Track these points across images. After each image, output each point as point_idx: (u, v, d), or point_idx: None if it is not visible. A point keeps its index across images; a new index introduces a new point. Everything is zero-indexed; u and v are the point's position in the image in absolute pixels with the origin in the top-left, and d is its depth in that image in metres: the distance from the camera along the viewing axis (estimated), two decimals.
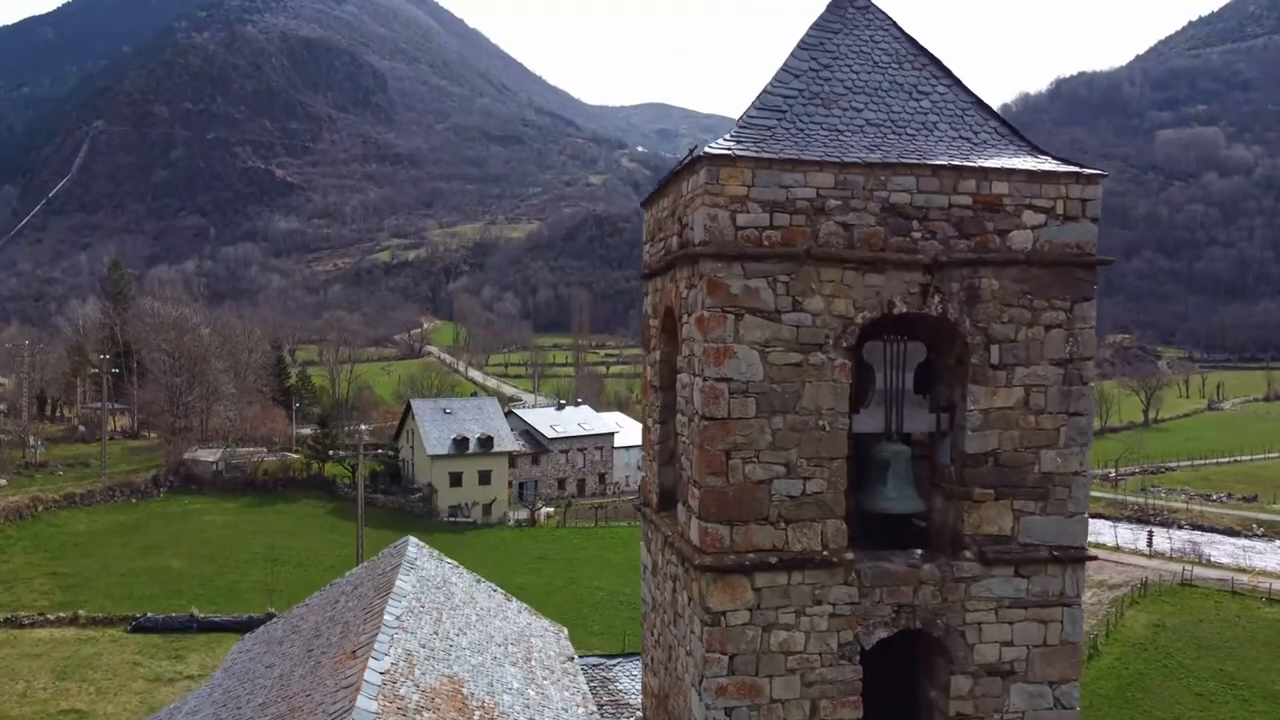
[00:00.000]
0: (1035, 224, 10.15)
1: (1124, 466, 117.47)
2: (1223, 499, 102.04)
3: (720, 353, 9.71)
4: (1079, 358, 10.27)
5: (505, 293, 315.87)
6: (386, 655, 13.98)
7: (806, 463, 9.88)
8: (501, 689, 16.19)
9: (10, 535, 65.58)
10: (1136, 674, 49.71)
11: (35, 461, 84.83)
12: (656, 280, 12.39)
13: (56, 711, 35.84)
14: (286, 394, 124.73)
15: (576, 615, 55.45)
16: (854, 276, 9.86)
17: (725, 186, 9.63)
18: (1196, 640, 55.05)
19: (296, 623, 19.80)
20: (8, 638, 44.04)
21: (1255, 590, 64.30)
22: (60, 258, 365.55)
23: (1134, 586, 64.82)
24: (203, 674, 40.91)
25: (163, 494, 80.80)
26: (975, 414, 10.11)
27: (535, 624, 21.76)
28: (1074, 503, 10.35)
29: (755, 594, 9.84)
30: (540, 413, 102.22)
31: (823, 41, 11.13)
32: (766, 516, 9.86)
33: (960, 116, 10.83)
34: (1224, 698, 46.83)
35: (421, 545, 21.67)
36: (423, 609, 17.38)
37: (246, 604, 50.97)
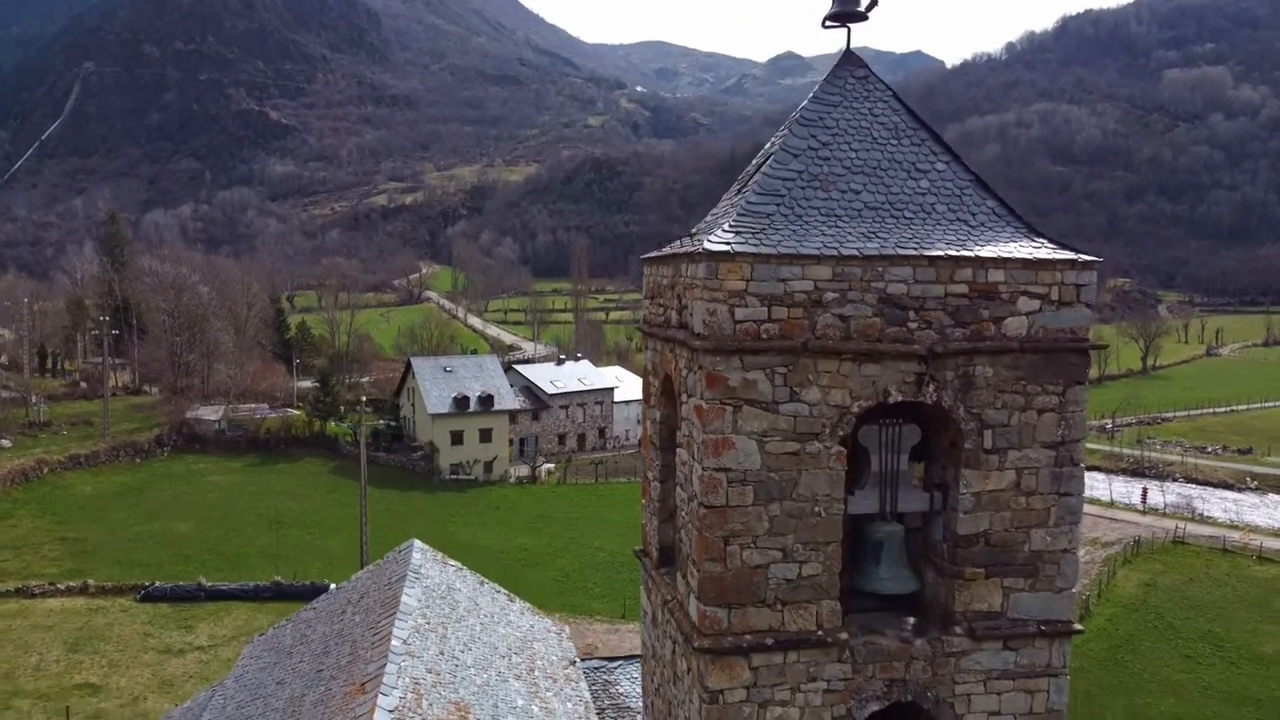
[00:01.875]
0: (1030, 310, 10.28)
1: (1121, 417, 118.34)
2: (1218, 451, 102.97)
3: (719, 444, 9.92)
4: (1070, 440, 10.47)
5: (504, 237, 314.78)
6: (395, 689, 14.43)
7: (803, 547, 10.14)
8: (506, 709, 16.71)
9: (17, 498, 66.41)
10: (1127, 635, 50.73)
11: (39, 421, 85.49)
12: (655, 342, 12.51)
13: (70, 686, 36.72)
14: (286, 347, 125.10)
15: (578, 578, 56.52)
16: (851, 367, 10.02)
17: (724, 281, 9.74)
18: (1186, 600, 56.10)
19: (305, 631, 20.28)
20: (20, 608, 44.91)
21: (1246, 548, 65.29)
22: (55, 202, 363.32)
23: (1126, 545, 65.79)
24: (212, 644, 41.93)
25: (166, 453, 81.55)
26: (968, 497, 10.36)
27: (538, 626, 22.28)
28: (1062, 579, 10.64)
29: (752, 673, 10.18)
30: (540, 368, 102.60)
31: (822, 116, 11.13)
32: (763, 599, 10.16)
33: (958, 196, 10.88)
34: (1212, 660, 47.89)
35: (425, 550, 22.08)
36: (429, 626, 17.83)
37: (253, 571, 51.84)
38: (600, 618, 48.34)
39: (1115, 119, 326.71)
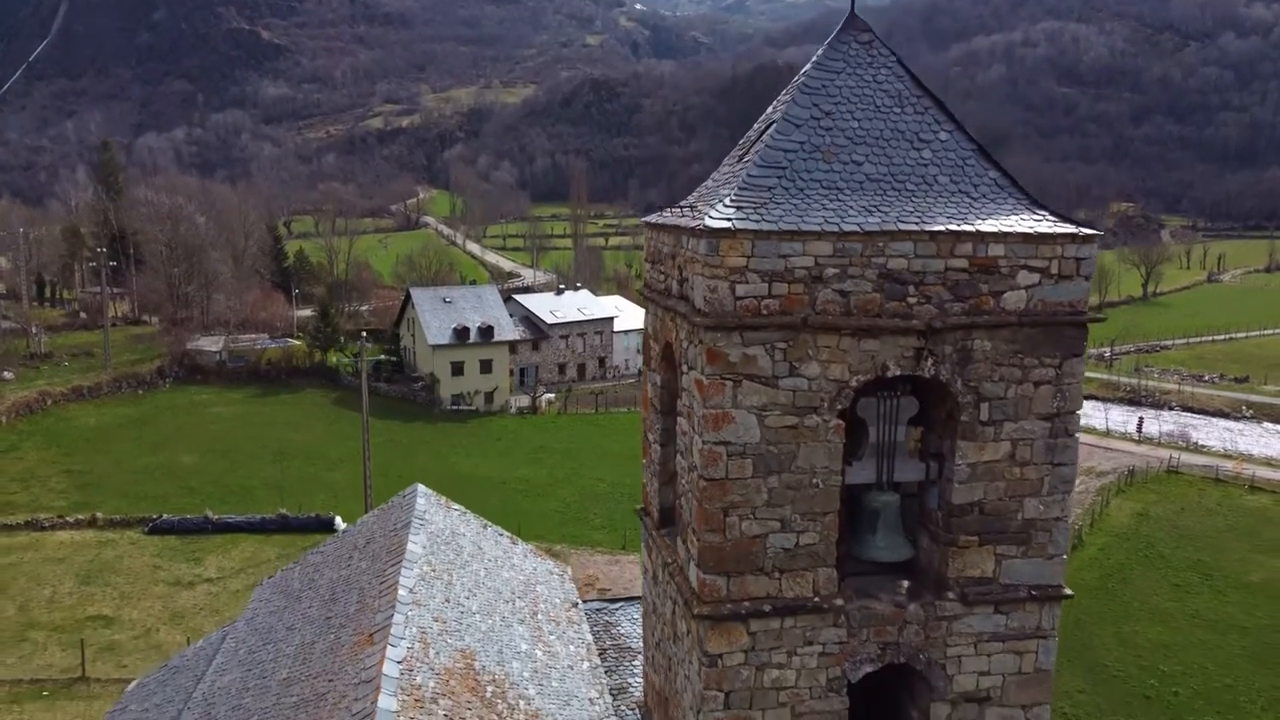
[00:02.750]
0: (1030, 284, 10.32)
1: (1120, 345, 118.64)
2: (1214, 380, 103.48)
3: (719, 418, 10.05)
4: (1066, 411, 10.61)
5: (502, 161, 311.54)
6: (402, 639, 14.81)
7: (800, 518, 10.36)
8: (511, 654, 17.18)
9: (22, 430, 66.98)
10: (1118, 565, 51.70)
11: (40, 353, 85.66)
12: (656, 308, 12.55)
13: (84, 618, 37.58)
14: (285, 276, 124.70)
15: (579, 509, 57.31)
16: (850, 342, 10.10)
17: (725, 258, 9.76)
18: (1178, 530, 57.03)
19: (313, 575, 20.71)
20: (30, 541, 45.68)
21: (1238, 478, 66.16)
22: (46, 125, 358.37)
23: (1121, 474, 66.61)
24: (220, 576, 42.79)
25: (168, 385, 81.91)
26: (963, 468, 10.54)
27: (540, 568, 22.74)
28: (1054, 546, 10.90)
29: (750, 637, 10.49)
30: (540, 298, 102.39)
31: (825, 84, 11.00)
32: (761, 567, 10.42)
33: (960, 167, 10.81)
34: (1200, 588, 48.90)
35: (429, 494, 22.38)
36: (434, 573, 18.21)
37: (258, 503, 52.53)
38: (601, 549, 49.17)
39: (1124, 38, 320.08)
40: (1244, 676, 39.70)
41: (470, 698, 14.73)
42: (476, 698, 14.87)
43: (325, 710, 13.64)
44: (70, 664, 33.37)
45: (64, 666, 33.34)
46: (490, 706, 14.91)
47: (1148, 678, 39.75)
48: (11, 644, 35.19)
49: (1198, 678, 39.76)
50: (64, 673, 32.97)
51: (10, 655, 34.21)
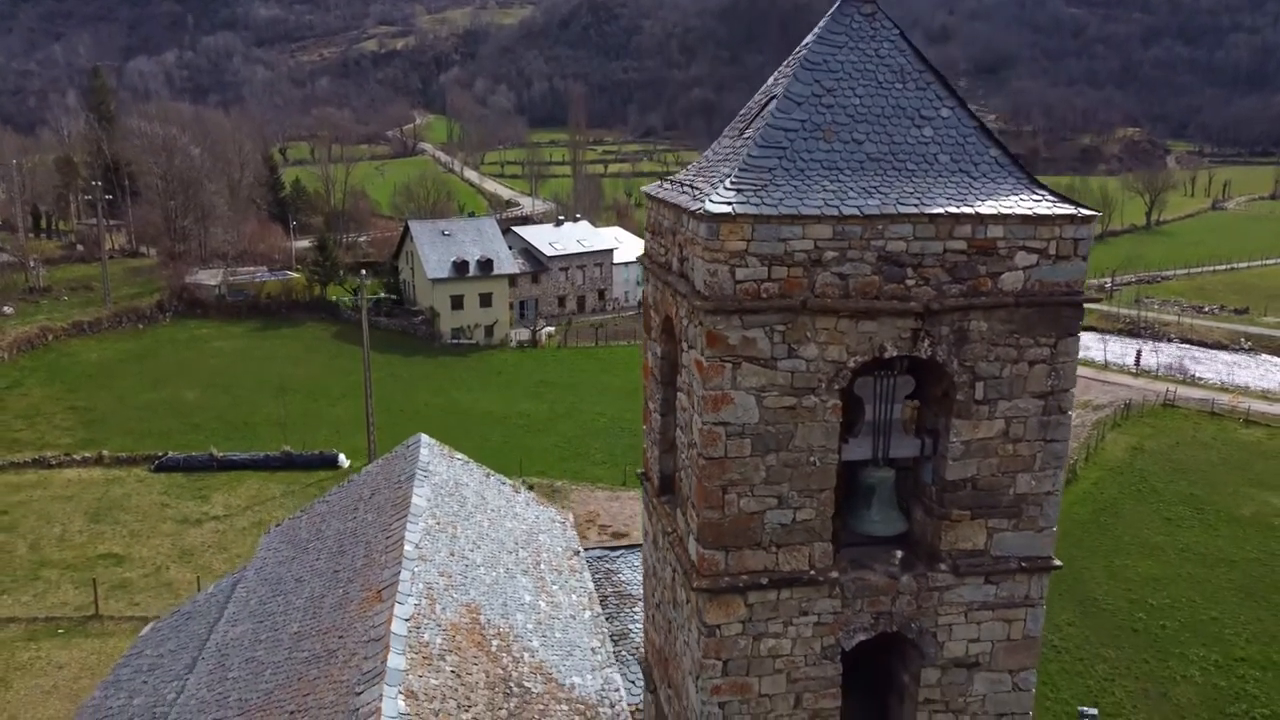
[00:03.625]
0: (1027, 264, 10.37)
1: (1121, 276, 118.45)
2: (1214, 311, 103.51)
3: (718, 400, 10.21)
4: (1060, 389, 10.76)
5: (498, 85, 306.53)
6: (409, 597, 15.23)
7: (797, 494, 10.59)
8: (515, 606, 17.65)
9: (25, 366, 67.30)
10: (1111, 499, 52.45)
11: (39, 287, 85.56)
12: (656, 280, 12.59)
13: (95, 556, 38.31)
14: (282, 206, 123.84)
15: (580, 444, 57.94)
16: (848, 324, 10.20)
17: (725, 242, 9.80)
18: (1171, 464, 57.72)
19: (320, 526, 21.11)
20: (39, 479, 46.28)
21: (1234, 411, 66.71)
22: (34, 49, 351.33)
23: (1117, 408, 67.15)
24: (227, 514, 43.49)
25: (168, 319, 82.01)
26: (957, 445, 10.73)
27: (543, 516, 23.16)
28: (1044, 519, 11.15)
29: (748, 609, 10.81)
30: (539, 230, 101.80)
31: (826, 59, 10.88)
32: (759, 542, 10.68)
33: (961, 145, 10.77)
34: (1191, 522, 49.68)
35: (432, 444, 22.67)
36: (439, 526, 18.60)
37: (261, 440, 53.09)
38: (602, 485, 49.83)
39: None
40: (1230, 609, 40.62)
41: (476, 652, 15.20)
42: (482, 652, 15.35)
43: (336, 667, 14.09)
44: (83, 602, 34.15)
45: (77, 604, 34.12)
46: (495, 660, 15.40)
47: (1136, 611, 40.66)
48: (25, 582, 35.95)
49: (1185, 611, 40.68)
50: (77, 610, 33.76)
51: (25, 593, 34.98)
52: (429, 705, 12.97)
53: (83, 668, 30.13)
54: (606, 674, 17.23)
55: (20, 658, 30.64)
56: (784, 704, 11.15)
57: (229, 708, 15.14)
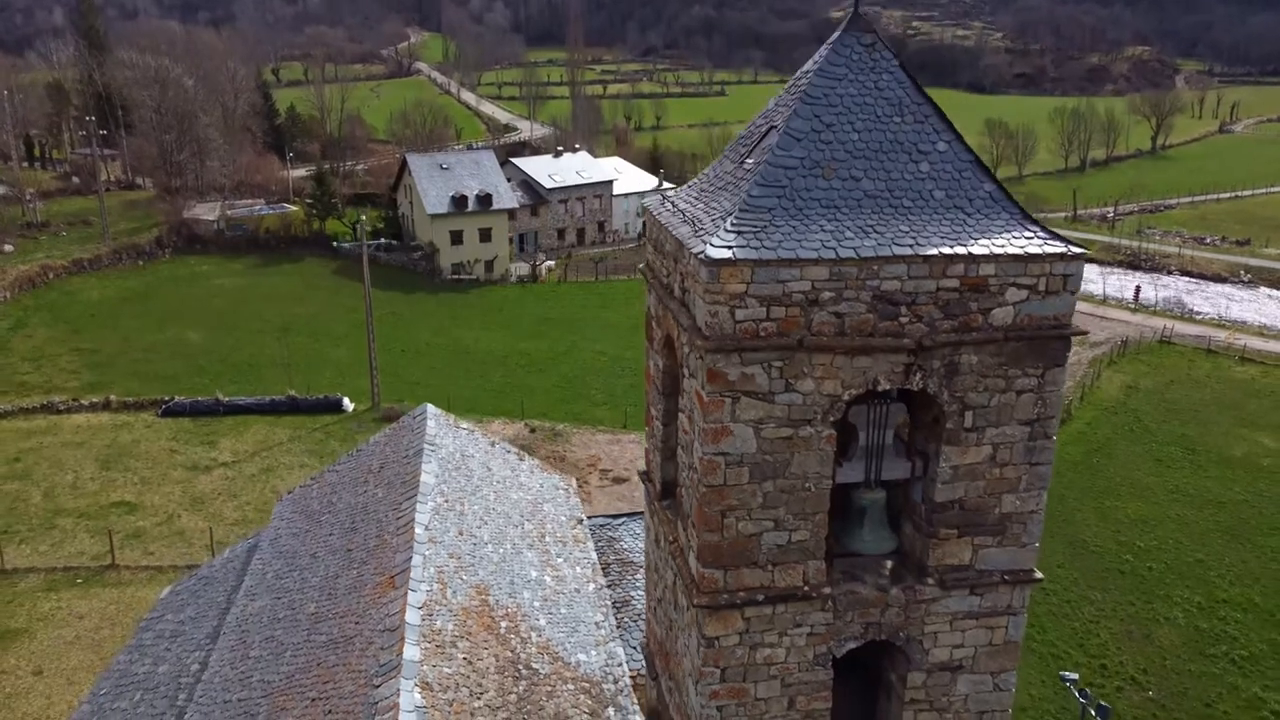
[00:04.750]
0: (1017, 300, 10.71)
1: (1123, 205, 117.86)
2: (1216, 242, 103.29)
3: (719, 432, 10.66)
4: (1045, 416, 11.20)
5: (494, 1, 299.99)
6: (422, 584, 15.90)
7: (793, 518, 11.12)
8: (522, 584, 18.38)
9: (27, 305, 67.57)
10: (1104, 439, 53.33)
11: (37, 222, 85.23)
12: (658, 297, 12.90)
13: (108, 504, 39.19)
14: (277, 135, 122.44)
15: (580, 384, 58.60)
16: (843, 360, 10.58)
17: (725, 285, 10.13)
18: (1165, 403, 58.51)
19: (331, 497, 21.76)
20: (48, 425, 46.99)
21: (1230, 348, 67.29)
22: None
23: (1114, 346, 67.70)
24: (235, 460, 44.29)
25: (168, 255, 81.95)
26: (946, 469, 11.21)
27: (546, 484, 23.79)
28: (1027, 535, 11.70)
29: (745, 621, 11.44)
30: (538, 161, 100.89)
31: (826, 93, 11.05)
32: (756, 561, 11.25)
33: (957, 180, 11.00)
34: (1181, 463, 50.65)
35: (438, 415, 23.18)
36: (447, 505, 19.23)
37: (266, 382, 53.69)
38: (602, 427, 50.58)
39: None
40: (1216, 551, 41.74)
41: (486, 636, 15.94)
42: (492, 635, 16.09)
43: (354, 655, 14.83)
44: (99, 551, 35.11)
45: (94, 554, 35.09)
46: (504, 643, 16.15)
47: (1124, 552, 41.77)
48: (41, 531, 36.89)
49: (1171, 552, 41.81)
50: (94, 560, 34.74)
51: (42, 543, 35.94)
52: (443, 695, 13.72)
53: (103, 618, 31.20)
54: (610, 649, 18.03)
55: (42, 608, 31.69)
56: (778, 706, 11.88)
57: (252, 688, 15.94)
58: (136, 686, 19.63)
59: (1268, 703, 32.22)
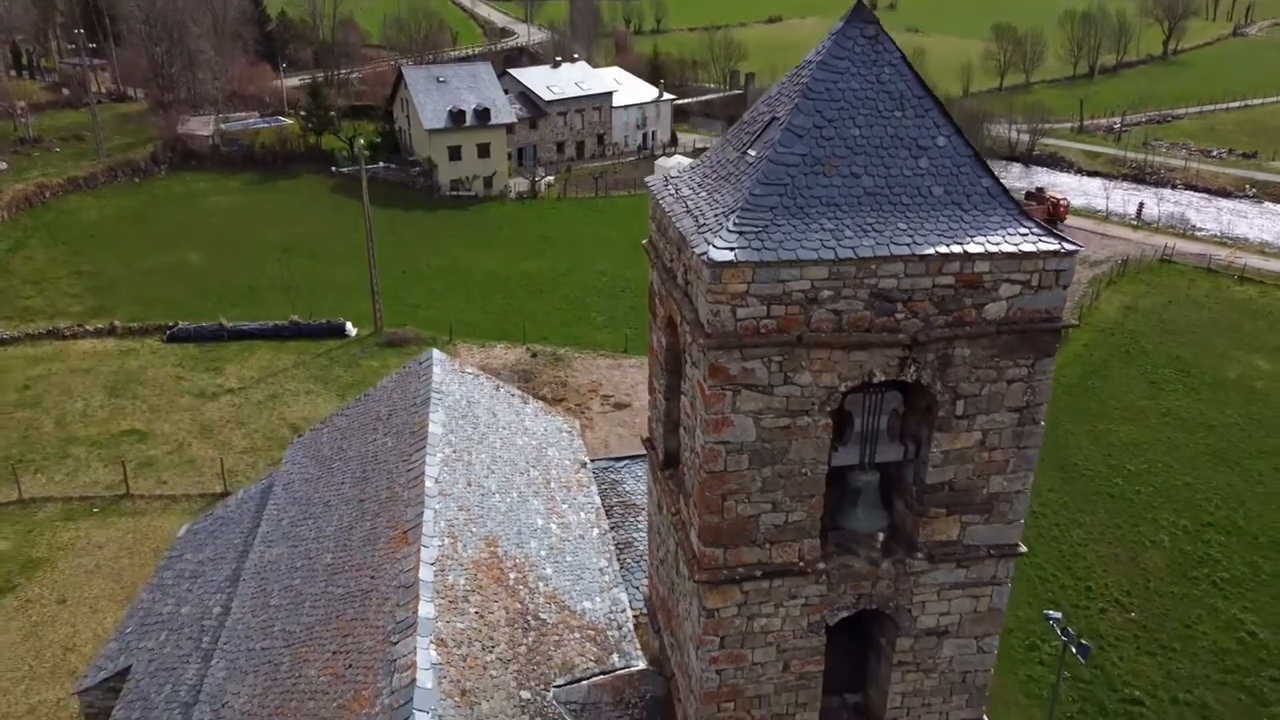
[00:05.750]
0: (1010, 295, 11.01)
1: (1130, 115, 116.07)
2: (1223, 155, 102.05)
3: (720, 423, 11.10)
4: (1035, 404, 11.63)
5: None
6: (434, 539, 16.56)
7: (790, 500, 11.65)
8: (529, 533, 19.09)
9: (25, 225, 67.33)
10: (1100, 361, 53.84)
11: (29, 138, 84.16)
12: (661, 278, 13.17)
13: (119, 432, 39.91)
14: (269, 41, 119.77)
15: (580, 307, 58.86)
16: (840, 355, 10.95)
17: (727, 285, 10.43)
18: (1163, 324, 58.89)
19: (341, 444, 22.33)
20: (55, 351, 47.43)
21: (1230, 267, 67.34)
22: None
23: (1114, 265, 67.72)
24: (241, 387, 44.90)
25: (163, 172, 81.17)
26: (937, 454, 11.69)
27: (550, 428, 24.34)
28: (1013, 513, 12.26)
29: (743, 595, 12.09)
30: (536, 72, 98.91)
31: (829, 88, 11.12)
32: (754, 540, 11.83)
33: (955, 176, 11.17)
34: (1175, 385, 51.29)
35: (444, 361, 23.59)
36: (455, 455, 19.81)
37: (268, 306, 53.94)
38: (603, 351, 51.00)
39: None
40: (1204, 474, 42.67)
41: (496, 588, 16.69)
42: (501, 587, 16.84)
43: (371, 610, 15.58)
44: (113, 481, 35.96)
45: (108, 483, 35.94)
46: (513, 594, 16.92)
47: (1114, 476, 42.69)
48: (55, 460, 37.69)
49: (1161, 476, 42.75)
50: (109, 489, 35.60)
51: (57, 472, 36.77)
52: (457, 651, 14.49)
53: (121, 547, 32.19)
54: (614, 595, 18.83)
55: (61, 537, 32.67)
56: (774, 669, 12.63)
57: (274, 637, 16.77)
58: (161, 626, 20.55)
59: (1245, 623, 33.46)
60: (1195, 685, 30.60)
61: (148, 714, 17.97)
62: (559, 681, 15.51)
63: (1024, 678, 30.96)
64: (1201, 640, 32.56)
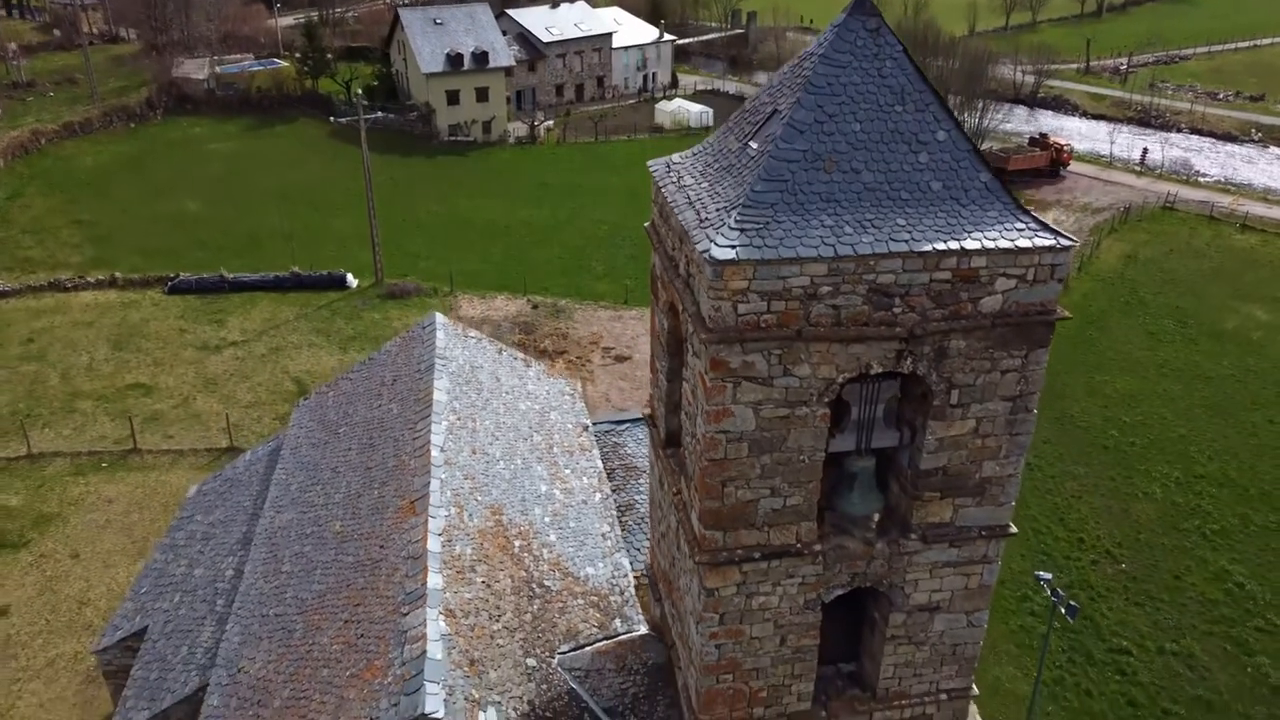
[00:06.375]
0: (1006, 289, 11.23)
1: (1137, 56, 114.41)
2: (1229, 98, 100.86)
3: (720, 413, 11.39)
4: (1027, 393, 11.91)
5: None
6: (440, 509, 16.97)
7: (788, 485, 12.00)
8: (532, 500, 19.52)
9: (21, 173, 66.91)
10: (1099, 311, 54.01)
11: (22, 82, 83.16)
12: (660, 258, 13.34)
13: (124, 386, 40.21)
14: None
15: (580, 256, 58.82)
16: (839, 348, 11.20)
17: (729, 283, 10.64)
18: (1163, 273, 58.92)
19: (347, 408, 22.67)
20: (57, 304, 47.55)
21: (1232, 215, 67.11)
22: None
23: (1116, 212, 67.50)
24: (244, 339, 45.14)
25: (159, 117, 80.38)
26: (932, 441, 12.01)
27: (553, 390, 24.66)
28: (1005, 495, 12.62)
29: (742, 575, 12.51)
30: (534, 13, 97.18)
31: (830, 82, 11.19)
32: (753, 523, 12.21)
33: (954, 170, 11.29)
34: (1173, 336, 51.52)
35: (447, 325, 23.83)
36: (459, 423, 20.16)
37: (268, 256, 53.91)
38: (604, 303, 51.10)
39: None
40: (1198, 426, 43.09)
41: (502, 557, 17.16)
42: (507, 556, 17.31)
43: (381, 580, 16.05)
44: (121, 435, 36.38)
45: (116, 438, 36.37)
46: (519, 563, 17.39)
47: (1110, 428, 43.12)
48: (63, 414, 38.08)
49: (1156, 428, 43.18)
50: (117, 444, 36.03)
51: (65, 427, 37.19)
52: (465, 621, 14.99)
53: (131, 502, 32.72)
54: (615, 560, 19.34)
55: (72, 492, 33.19)
56: (771, 644, 13.11)
57: (286, 604, 17.28)
58: (175, 588, 21.11)
59: (1233, 574, 34.14)
60: (1182, 635, 31.34)
61: (165, 674, 18.59)
62: (564, 648, 16.05)
63: (1015, 628, 31.71)
64: (1189, 591, 33.26)
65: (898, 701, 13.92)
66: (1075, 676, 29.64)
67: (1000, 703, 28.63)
